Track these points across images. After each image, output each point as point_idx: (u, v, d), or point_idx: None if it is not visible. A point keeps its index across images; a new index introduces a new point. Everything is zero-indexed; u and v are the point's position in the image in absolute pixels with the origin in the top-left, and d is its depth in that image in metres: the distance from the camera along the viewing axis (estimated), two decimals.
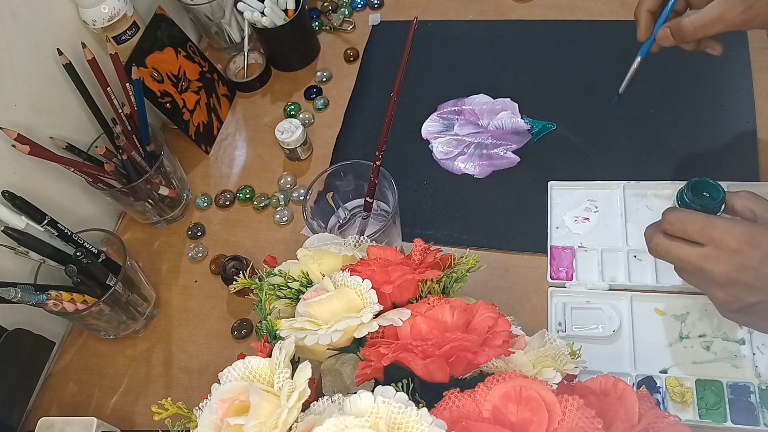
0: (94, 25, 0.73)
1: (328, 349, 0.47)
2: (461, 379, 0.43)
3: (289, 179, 0.80)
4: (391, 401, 0.36)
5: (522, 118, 0.78)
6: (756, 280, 0.46)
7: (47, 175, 0.72)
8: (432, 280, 0.48)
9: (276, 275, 0.51)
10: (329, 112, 0.86)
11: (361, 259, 0.49)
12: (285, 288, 0.50)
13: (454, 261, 0.51)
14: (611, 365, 0.59)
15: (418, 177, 0.76)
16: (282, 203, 0.78)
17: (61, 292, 0.63)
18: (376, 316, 0.45)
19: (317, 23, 0.94)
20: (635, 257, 0.65)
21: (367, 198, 0.64)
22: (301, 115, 0.86)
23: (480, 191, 0.74)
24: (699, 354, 0.59)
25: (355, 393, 0.36)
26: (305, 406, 0.40)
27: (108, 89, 0.72)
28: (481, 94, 0.82)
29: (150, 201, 0.76)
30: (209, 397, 0.42)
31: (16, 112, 0.67)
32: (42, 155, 0.66)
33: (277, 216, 0.77)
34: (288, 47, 0.88)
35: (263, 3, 0.82)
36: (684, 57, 0.53)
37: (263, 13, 0.82)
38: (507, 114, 0.79)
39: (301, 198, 0.78)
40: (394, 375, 0.43)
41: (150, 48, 0.78)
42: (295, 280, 0.50)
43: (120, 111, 0.73)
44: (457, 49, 0.86)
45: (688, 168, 0.69)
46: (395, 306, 0.47)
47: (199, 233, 0.79)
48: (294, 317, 0.47)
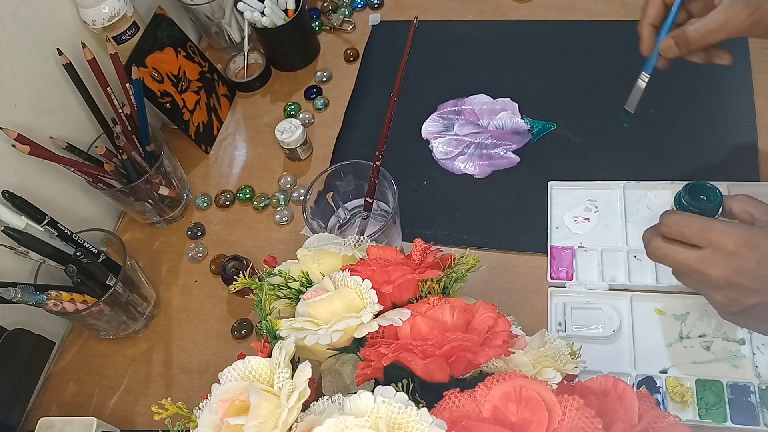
0: (94, 25, 0.73)
1: (328, 349, 0.47)
2: (461, 379, 0.43)
3: (289, 179, 0.80)
4: (391, 401, 0.36)
5: (522, 118, 0.78)
6: (754, 282, 0.46)
7: (47, 175, 0.72)
8: (432, 280, 0.48)
9: (276, 275, 0.51)
10: (329, 112, 0.86)
11: (361, 259, 0.49)
12: (285, 288, 0.50)
13: (454, 261, 0.51)
14: (611, 365, 0.59)
15: (418, 177, 0.76)
16: (282, 203, 0.78)
17: (61, 292, 0.63)
18: (376, 316, 0.45)
19: (317, 23, 0.94)
20: (635, 257, 0.65)
21: (367, 198, 0.64)
22: (301, 115, 0.86)
23: (480, 191, 0.74)
24: (699, 354, 0.59)
25: (355, 393, 0.36)
26: (305, 406, 0.40)
27: (108, 89, 0.72)
28: (481, 94, 0.82)
29: (150, 201, 0.76)
30: (209, 397, 0.42)
31: (16, 112, 0.67)
32: (42, 155, 0.66)
33: (277, 216, 0.77)
34: (288, 47, 0.88)
35: (263, 3, 0.82)
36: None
37: (263, 13, 0.82)
38: (507, 114, 0.79)
39: (301, 198, 0.78)
40: (394, 375, 0.43)
41: (150, 48, 0.78)
42: (295, 280, 0.50)
43: (120, 111, 0.73)
44: (457, 49, 0.86)
45: (688, 168, 0.69)
46: (395, 306, 0.47)
47: (199, 233, 0.79)
48: (294, 317, 0.47)
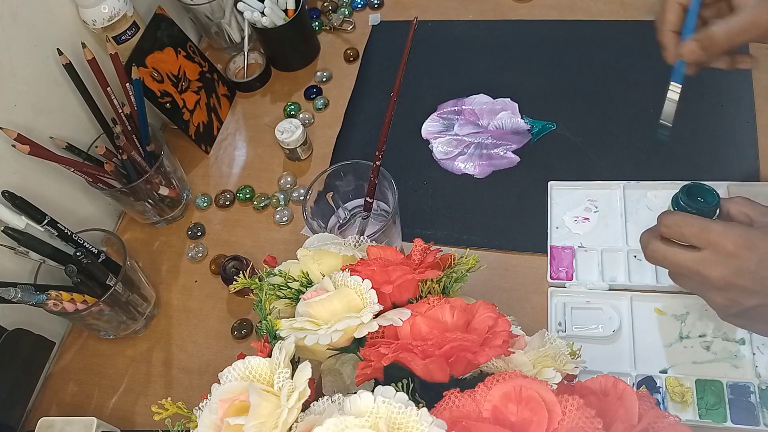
0: (94, 25, 0.73)
1: (328, 349, 0.47)
2: (461, 379, 0.43)
3: (289, 179, 0.80)
4: (391, 401, 0.36)
5: (522, 118, 0.78)
6: (753, 283, 0.46)
7: (47, 175, 0.72)
8: (432, 280, 0.48)
9: (276, 275, 0.51)
10: (329, 112, 0.86)
11: (361, 259, 0.49)
12: (285, 288, 0.50)
13: (454, 261, 0.51)
14: (611, 365, 0.59)
15: (418, 177, 0.76)
16: (282, 203, 0.78)
17: (61, 292, 0.63)
18: (376, 316, 0.45)
19: (317, 23, 0.94)
20: (635, 257, 0.65)
21: (367, 198, 0.64)
22: (301, 115, 0.86)
23: (480, 191, 0.74)
24: (699, 354, 0.59)
25: (355, 393, 0.36)
26: (305, 406, 0.40)
27: (108, 89, 0.72)
28: (481, 94, 0.82)
29: (150, 201, 0.76)
30: (209, 397, 0.42)
31: (16, 112, 0.67)
32: (42, 155, 0.66)
33: (277, 216, 0.77)
34: (288, 47, 0.88)
35: (263, 3, 0.82)
36: None
37: (263, 13, 0.82)
38: (507, 114, 0.79)
39: (301, 198, 0.78)
40: (394, 375, 0.43)
41: (150, 48, 0.78)
42: (295, 280, 0.50)
43: (120, 111, 0.73)
44: (457, 49, 0.86)
45: (688, 168, 0.69)
46: (395, 306, 0.47)
47: (199, 233, 0.79)
48: (294, 317, 0.47)
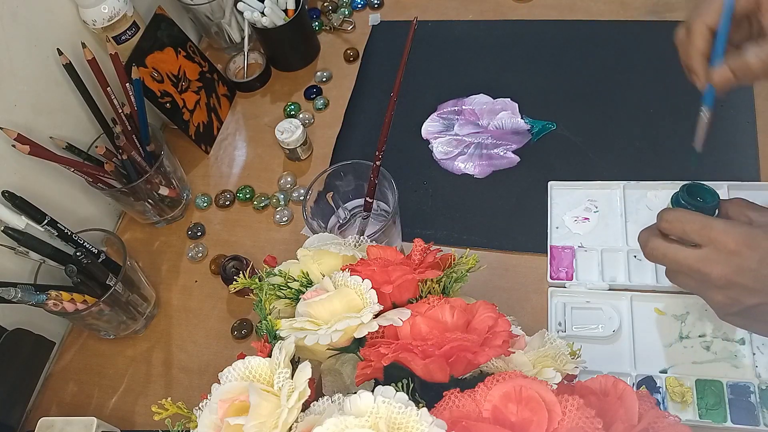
0: (94, 25, 0.73)
1: (328, 349, 0.47)
2: (461, 379, 0.43)
3: (289, 179, 0.80)
4: (391, 401, 0.36)
5: (522, 118, 0.78)
6: (755, 282, 0.46)
7: (47, 175, 0.72)
8: (432, 280, 0.48)
9: (276, 275, 0.51)
10: (329, 112, 0.86)
11: (361, 259, 0.49)
12: (285, 288, 0.50)
13: (454, 261, 0.51)
14: (611, 365, 0.59)
15: (418, 177, 0.76)
16: (282, 203, 0.78)
17: (61, 292, 0.63)
18: (376, 316, 0.45)
19: (317, 23, 0.94)
20: (635, 257, 0.65)
21: (367, 198, 0.64)
22: (301, 115, 0.85)
23: (480, 191, 0.74)
24: (699, 354, 0.59)
25: (355, 393, 0.36)
26: (305, 406, 0.40)
27: (108, 89, 0.72)
28: (481, 94, 0.82)
29: (150, 201, 0.76)
30: (209, 397, 0.42)
31: (16, 112, 0.67)
32: (42, 155, 0.66)
33: (277, 216, 0.77)
34: (288, 47, 0.88)
35: (263, 3, 0.82)
36: None
37: (263, 13, 0.82)
38: (507, 114, 0.79)
39: (301, 198, 0.78)
40: (394, 375, 0.43)
41: (150, 48, 0.78)
42: (295, 280, 0.50)
43: (120, 111, 0.73)
44: (457, 49, 0.86)
45: (688, 168, 0.69)
46: (395, 306, 0.47)
47: (199, 233, 0.79)
48: (294, 317, 0.47)
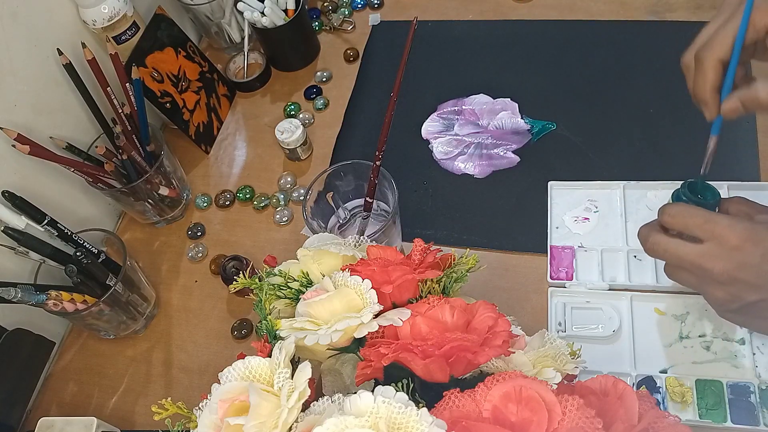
0: (94, 25, 0.73)
1: (328, 349, 0.47)
2: (461, 379, 0.43)
3: (289, 179, 0.80)
4: (391, 401, 0.36)
5: (522, 118, 0.78)
6: (757, 278, 0.46)
7: (47, 175, 0.72)
8: (432, 280, 0.48)
9: (276, 275, 0.51)
10: (329, 112, 0.86)
11: (361, 259, 0.49)
12: (285, 288, 0.50)
13: (454, 261, 0.51)
14: (611, 365, 0.59)
15: (418, 177, 0.76)
16: (282, 203, 0.78)
17: (61, 292, 0.63)
18: (376, 316, 0.45)
19: (317, 23, 0.94)
20: (635, 257, 0.65)
21: (367, 198, 0.64)
22: (301, 115, 0.85)
23: (480, 191, 0.74)
24: (699, 354, 0.59)
25: (355, 393, 0.36)
26: (305, 406, 0.40)
27: (108, 89, 0.72)
28: (481, 94, 0.82)
29: (150, 201, 0.76)
30: (209, 397, 0.42)
31: (16, 112, 0.67)
32: (42, 155, 0.66)
33: (277, 216, 0.77)
34: (288, 47, 0.88)
35: (263, 3, 0.82)
36: None
37: (263, 13, 0.82)
38: (507, 114, 0.79)
39: (301, 198, 0.78)
40: (394, 375, 0.43)
41: (150, 48, 0.78)
42: (295, 280, 0.50)
43: (120, 111, 0.73)
44: (457, 49, 0.86)
45: (688, 168, 0.69)
46: (395, 306, 0.47)
47: (199, 233, 0.79)
48: (294, 317, 0.47)
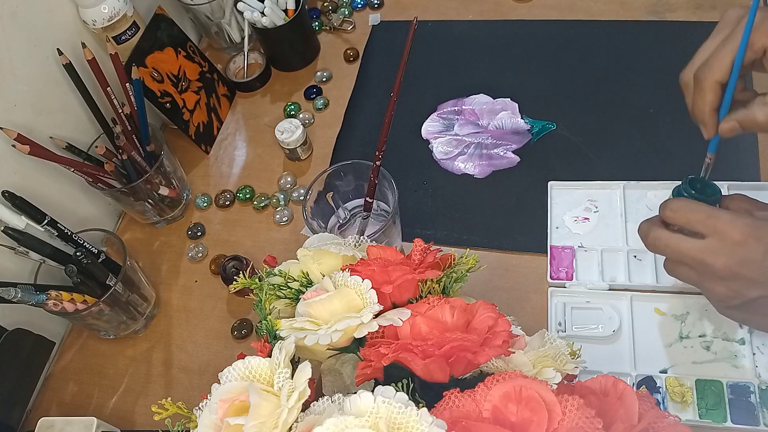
0: (94, 25, 0.73)
1: (328, 349, 0.47)
2: (461, 379, 0.43)
3: (289, 179, 0.80)
4: (391, 401, 0.36)
5: (522, 118, 0.78)
6: (758, 274, 0.46)
7: (47, 175, 0.72)
8: (432, 280, 0.48)
9: (276, 275, 0.51)
10: (329, 112, 0.86)
11: (361, 259, 0.49)
12: (285, 288, 0.50)
13: (454, 261, 0.51)
14: (611, 365, 0.59)
15: (418, 177, 0.76)
16: (282, 203, 0.78)
17: (61, 292, 0.63)
18: (376, 316, 0.45)
19: (317, 23, 0.94)
20: (635, 257, 0.65)
21: (367, 198, 0.64)
22: (301, 115, 0.85)
23: (480, 191, 0.74)
24: (699, 354, 0.59)
25: (355, 393, 0.36)
26: (305, 406, 0.40)
27: (108, 89, 0.72)
28: (481, 94, 0.82)
29: (150, 201, 0.76)
30: (209, 397, 0.42)
31: (16, 112, 0.67)
32: (42, 155, 0.66)
33: (277, 216, 0.77)
34: (288, 47, 0.88)
35: (263, 3, 0.82)
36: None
37: (263, 13, 0.82)
38: (507, 114, 0.79)
39: (301, 198, 0.78)
40: (394, 375, 0.43)
41: (150, 48, 0.78)
42: (295, 280, 0.50)
43: (120, 111, 0.73)
44: (457, 49, 0.86)
45: (688, 168, 0.69)
46: (395, 306, 0.47)
47: (199, 233, 0.79)
48: (294, 317, 0.47)
